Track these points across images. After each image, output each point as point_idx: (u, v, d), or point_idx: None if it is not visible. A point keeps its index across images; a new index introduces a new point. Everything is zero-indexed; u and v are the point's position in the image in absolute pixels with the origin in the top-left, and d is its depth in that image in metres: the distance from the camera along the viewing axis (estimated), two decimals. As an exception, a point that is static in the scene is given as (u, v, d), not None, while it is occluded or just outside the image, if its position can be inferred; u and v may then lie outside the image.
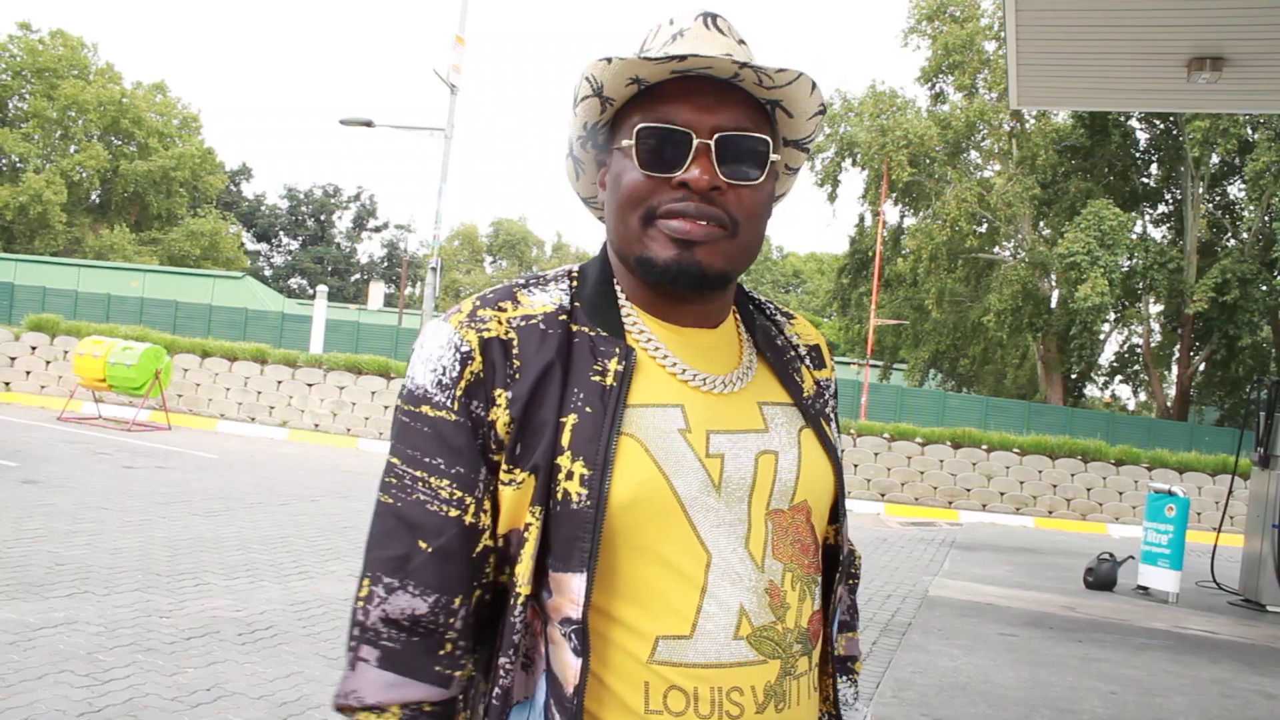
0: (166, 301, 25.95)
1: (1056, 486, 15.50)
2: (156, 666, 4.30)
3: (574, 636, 0.94)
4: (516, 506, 0.97)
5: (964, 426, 17.23)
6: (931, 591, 7.94)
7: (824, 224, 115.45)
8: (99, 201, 48.49)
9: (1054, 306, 28.87)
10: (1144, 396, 38.89)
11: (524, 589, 0.95)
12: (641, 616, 0.96)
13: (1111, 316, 29.36)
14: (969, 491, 15.41)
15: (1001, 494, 15.41)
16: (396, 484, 0.98)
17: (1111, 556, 9.00)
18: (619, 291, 1.07)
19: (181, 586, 5.70)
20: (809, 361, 1.18)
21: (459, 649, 0.97)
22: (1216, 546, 9.44)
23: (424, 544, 0.96)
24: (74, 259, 39.52)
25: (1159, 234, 30.65)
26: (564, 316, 1.02)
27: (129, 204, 47.87)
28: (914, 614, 7.01)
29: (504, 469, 0.98)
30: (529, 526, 0.96)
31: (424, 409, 0.99)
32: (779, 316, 1.20)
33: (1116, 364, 34.23)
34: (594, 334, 1.02)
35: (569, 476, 0.94)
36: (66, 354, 16.50)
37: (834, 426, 1.18)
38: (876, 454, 15.58)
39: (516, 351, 0.99)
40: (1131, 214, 27.61)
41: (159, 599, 5.37)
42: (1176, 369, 30.19)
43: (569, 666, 0.94)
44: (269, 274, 61.88)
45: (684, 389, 1.02)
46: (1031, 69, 7.85)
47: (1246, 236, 27.97)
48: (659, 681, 0.95)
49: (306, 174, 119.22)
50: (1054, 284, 29.03)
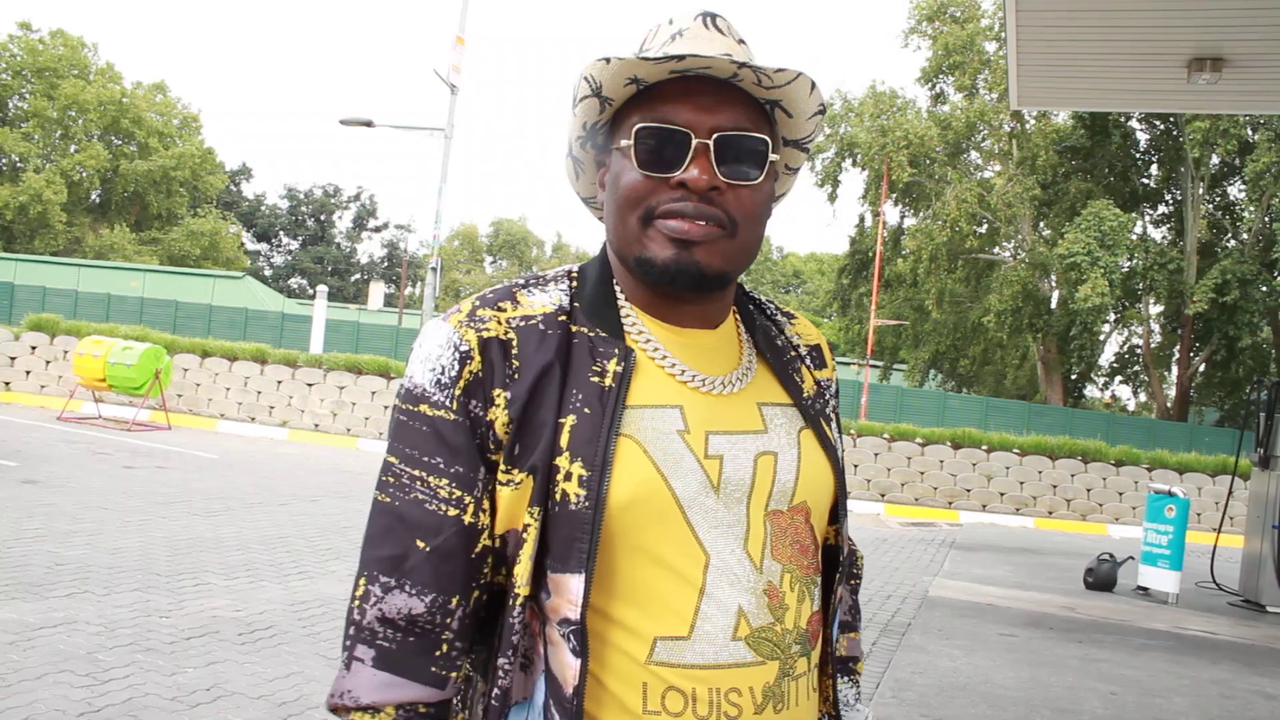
0: (166, 301, 25.95)
1: (1056, 487, 15.50)
2: (156, 666, 4.30)
3: (572, 637, 0.94)
4: (514, 507, 0.97)
5: (964, 427, 17.24)
6: (931, 592, 7.94)
7: (824, 224, 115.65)
8: (99, 201, 48.48)
9: (1054, 307, 28.87)
10: (1144, 397, 38.89)
11: (522, 590, 0.95)
12: (639, 617, 0.96)
13: (1111, 317, 29.34)
14: (969, 492, 15.41)
15: (1001, 494, 15.41)
16: (394, 483, 0.98)
17: (1111, 557, 9.00)
18: (618, 292, 1.07)
19: (181, 586, 5.70)
20: (810, 361, 1.17)
21: (455, 650, 0.97)
22: (1216, 547, 9.44)
23: (422, 543, 0.95)
24: (74, 259, 39.50)
25: (1159, 235, 30.66)
26: (563, 317, 1.02)
27: (129, 204, 47.87)
28: (914, 614, 7.01)
29: (502, 469, 0.97)
30: (527, 528, 0.95)
31: (422, 408, 0.98)
32: (779, 316, 1.20)
33: (1116, 365, 34.23)
34: (593, 335, 1.01)
35: (567, 477, 0.94)
36: (66, 354, 16.50)
37: (834, 427, 1.17)
38: (876, 454, 15.58)
39: (516, 352, 0.98)
40: (1132, 215, 27.60)
41: (159, 599, 5.37)
42: (1176, 370, 30.20)
43: (568, 667, 0.94)
44: (269, 274, 61.89)
45: (683, 390, 1.02)
46: (1032, 70, 7.85)
47: (1246, 237, 27.97)
48: (657, 682, 0.95)
49: (306, 174, 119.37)
50: (1054, 284, 29.02)
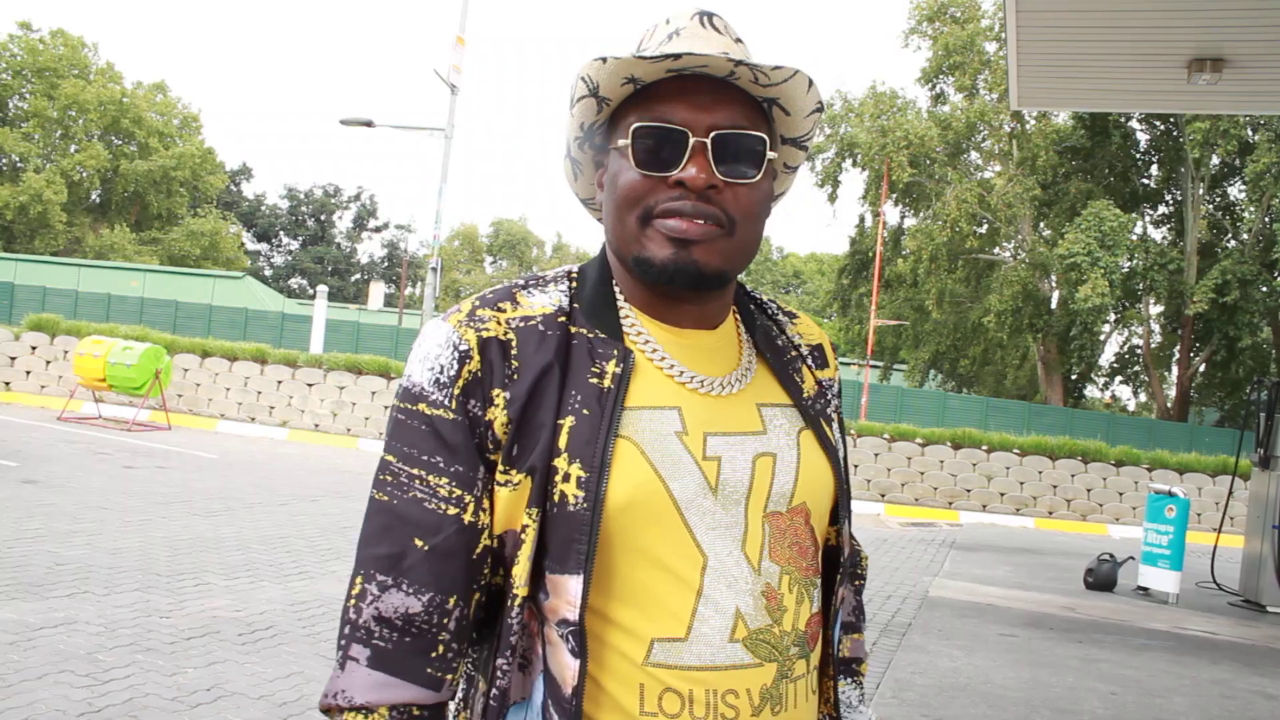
0: (166, 301, 25.96)
1: (1057, 487, 15.50)
2: (156, 666, 4.30)
3: (571, 638, 0.94)
4: (512, 508, 0.96)
5: (964, 427, 17.24)
6: (932, 592, 7.94)
7: (824, 224, 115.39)
8: (99, 201, 48.49)
9: (1054, 307, 28.87)
10: (1144, 397, 38.88)
11: (521, 590, 0.95)
12: (637, 618, 0.95)
13: (1112, 317, 29.34)
14: (969, 492, 15.41)
15: (1002, 495, 15.41)
16: (391, 481, 0.97)
17: (1111, 557, 9.00)
18: (618, 293, 1.06)
19: (181, 586, 5.70)
20: (811, 361, 1.17)
21: (451, 652, 0.96)
22: (1216, 547, 9.44)
23: (420, 542, 0.95)
24: (74, 259, 39.50)
25: (1159, 235, 30.66)
26: (563, 318, 1.02)
27: (129, 204, 47.88)
28: (914, 614, 7.01)
29: (500, 470, 0.97)
30: (526, 528, 0.95)
31: (421, 406, 0.98)
32: (781, 316, 1.19)
33: (1116, 365, 34.23)
34: (592, 336, 1.01)
35: (566, 479, 0.94)
36: (66, 354, 16.50)
37: (836, 427, 1.16)
38: (877, 454, 15.58)
39: (515, 352, 0.98)
40: (1132, 215, 27.61)
41: (159, 599, 5.37)
42: (1176, 370, 30.20)
43: (567, 668, 0.94)
44: (269, 274, 61.90)
45: (681, 391, 1.02)
46: (1032, 70, 7.85)
47: (1247, 238, 27.98)
48: (654, 684, 0.95)
49: (307, 174, 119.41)
50: (1054, 285, 29.02)
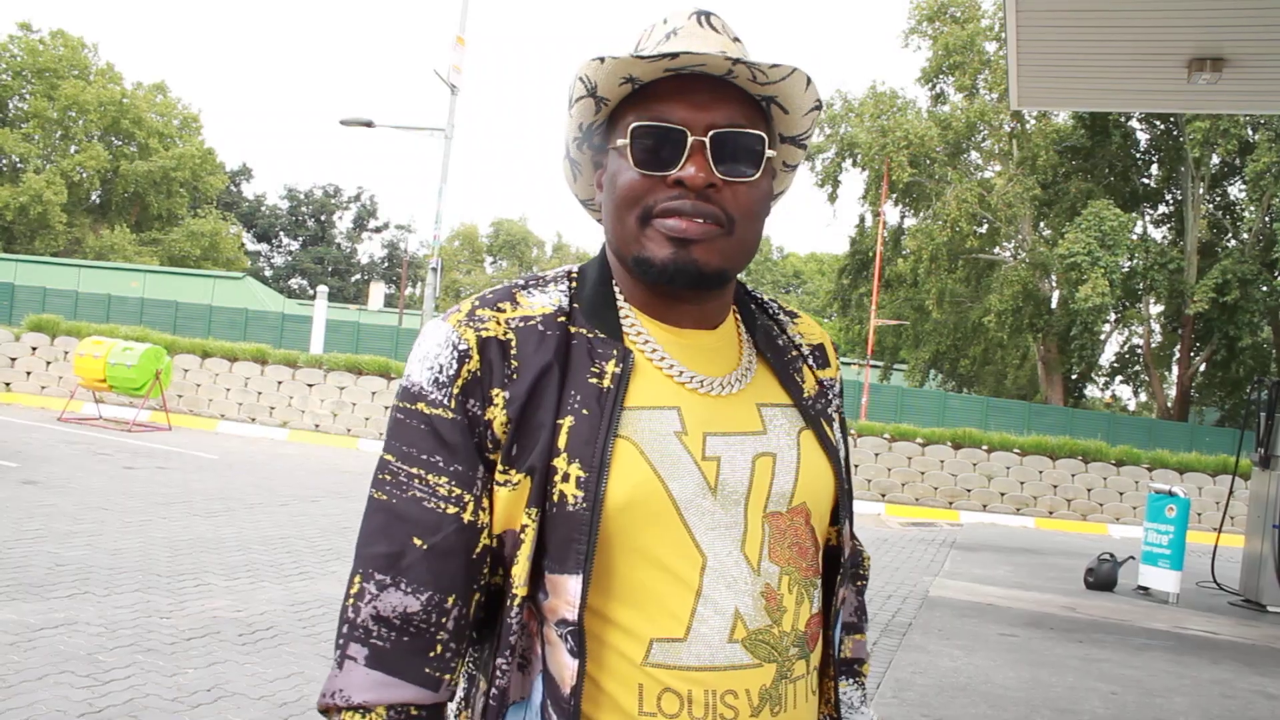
0: (167, 302, 25.97)
1: (1057, 487, 15.50)
2: (157, 667, 4.30)
3: (570, 638, 0.94)
4: (512, 508, 0.96)
5: (964, 427, 17.23)
6: (932, 592, 7.94)
7: (824, 224, 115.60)
8: (99, 202, 48.50)
9: (1054, 307, 28.87)
10: (1144, 397, 38.87)
11: (520, 590, 0.95)
12: (636, 618, 0.95)
13: (1112, 317, 29.34)
14: (969, 492, 15.41)
15: (1002, 494, 15.40)
16: (390, 480, 0.98)
17: (1112, 557, 9.00)
18: (618, 293, 1.06)
19: (182, 587, 5.70)
20: (812, 361, 1.17)
21: (449, 651, 0.96)
22: (1217, 547, 9.43)
23: (419, 540, 0.95)
24: (74, 259, 39.52)
25: (1159, 234, 30.66)
26: (562, 318, 1.02)
27: (129, 204, 47.88)
28: (914, 614, 7.01)
29: (499, 469, 0.97)
30: (525, 528, 0.95)
31: (420, 406, 0.98)
32: (782, 316, 1.19)
33: (1117, 364, 34.23)
34: (592, 336, 1.01)
35: (565, 478, 0.94)
36: (67, 354, 16.51)
37: (836, 427, 1.16)
38: (877, 454, 15.58)
39: (515, 352, 0.98)
40: (1132, 214, 27.61)
41: (159, 599, 5.37)
42: (1177, 369, 30.20)
43: (566, 667, 0.94)
44: (269, 274, 61.90)
45: (681, 391, 1.02)
46: (1032, 70, 7.85)
47: (1247, 237, 27.97)
48: (653, 684, 0.95)
49: (307, 174, 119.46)
50: (1054, 284, 29.02)
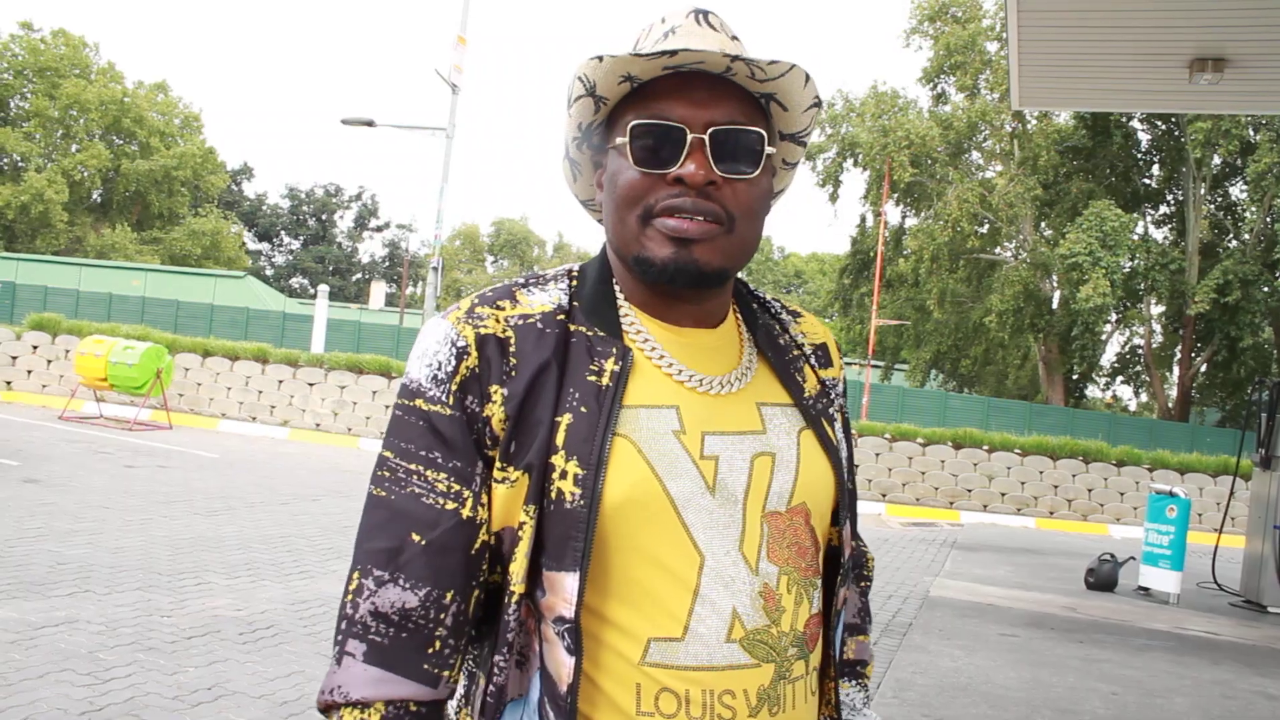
0: (168, 301, 25.99)
1: (1058, 487, 15.50)
2: (158, 665, 4.30)
3: (567, 635, 0.94)
4: (510, 505, 0.97)
5: (965, 427, 17.22)
6: (932, 592, 7.94)
7: (825, 224, 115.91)
8: (100, 201, 48.51)
9: (1055, 307, 28.85)
10: (1145, 397, 38.85)
11: (518, 587, 0.95)
12: (633, 617, 0.95)
13: (1113, 317, 29.32)
14: (970, 492, 15.40)
15: (1003, 494, 15.40)
16: (389, 477, 0.98)
17: (1112, 557, 8.99)
18: (618, 291, 1.06)
19: (183, 586, 5.71)
20: (814, 360, 1.16)
21: (448, 648, 0.96)
22: (1218, 547, 9.43)
23: (417, 536, 0.95)
24: (75, 258, 39.52)
25: (1161, 235, 30.65)
26: (562, 316, 1.02)
27: (130, 203, 47.90)
28: (915, 614, 7.01)
29: (498, 466, 0.97)
30: (523, 525, 0.95)
31: (418, 402, 0.98)
32: (784, 315, 1.19)
33: (1118, 365, 34.22)
34: (591, 334, 1.01)
35: (563, 476, 0.94)
36: (68, 353, 16.52)
37: (839, 427, 1.16)
38: (878, 454, 15.58)
39: (514, 350, 0.98)
40: (1133, 215, 27.60)
41: (160, 598, 5.38)
42: (1178, 370, 30.18)
43: (562, 665, 0.94)
44: (270, 273, 61.94)
45: (680, 390, 1.02)
46: (1033, 70, 7.85)
47: (1248, 238, 27.96)
48: (650, 683, 0.94)
49: (308, 173, 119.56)
50: (1055, 285, 29.00)
